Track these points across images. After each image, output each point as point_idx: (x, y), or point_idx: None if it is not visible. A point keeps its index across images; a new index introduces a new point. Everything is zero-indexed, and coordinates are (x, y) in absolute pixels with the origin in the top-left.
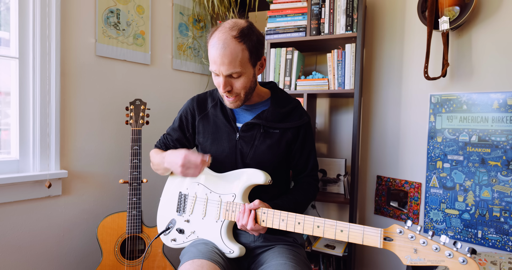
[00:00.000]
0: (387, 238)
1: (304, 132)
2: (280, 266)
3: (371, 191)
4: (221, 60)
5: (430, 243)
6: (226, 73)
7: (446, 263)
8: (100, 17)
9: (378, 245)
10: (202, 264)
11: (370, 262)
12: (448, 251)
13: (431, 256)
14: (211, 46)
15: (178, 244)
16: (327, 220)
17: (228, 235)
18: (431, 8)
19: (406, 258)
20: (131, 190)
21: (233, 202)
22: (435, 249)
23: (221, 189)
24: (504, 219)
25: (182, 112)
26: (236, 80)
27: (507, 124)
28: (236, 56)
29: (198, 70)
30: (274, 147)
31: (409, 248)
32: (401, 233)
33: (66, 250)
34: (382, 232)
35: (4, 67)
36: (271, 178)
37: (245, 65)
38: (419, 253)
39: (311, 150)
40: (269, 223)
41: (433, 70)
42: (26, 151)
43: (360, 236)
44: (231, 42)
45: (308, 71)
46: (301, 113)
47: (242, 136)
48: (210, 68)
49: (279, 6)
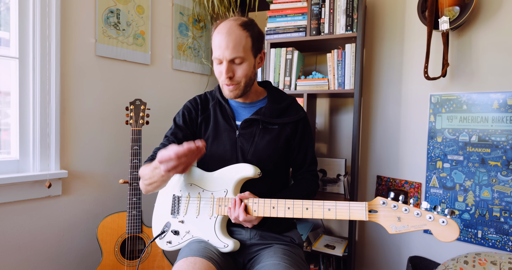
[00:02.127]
0: (372, 210)
1: (303, 127)
2: (273, 266)
3: (371, 191)
4: (225, 44)
5: (412, 209)
6: (229, 57)
7: (428, 226)
8: (100, 17)
9: (364, 217)
10: (195, 261)
11: (370, 262)
12: (429, 214)
13: (413, 221)
14: (216, 33)
15: (174, 246)
16: (315, 201)
17: (222, 230)
18: (431, 8)
19: (391, 227)
20: (131, 190)
21: (225, 197)
22: (417, 215)
23: (213, 186)
24: (504, 219)
25: (184, 109)
26: (238, 66)
27: (507, 124)
28: (240, 41)
29: (198, 70)
30: (274, 142)
31: (392, 217)
32: (384, 204)
33: (66, 250)
34: (367, 205)
35: (4, 67)
36: (272, 174)
37: (248, 52)
38: (402, 221)
39: (309, 145)
40: (260, 212)
41: (433, 70)
42: (26, 151)
43: (347, 212)
44: (236, 28)
45: (308, 71)
46: (297, 108)
47: (242, 133)
48: (214, 55)
49: (279, 6)
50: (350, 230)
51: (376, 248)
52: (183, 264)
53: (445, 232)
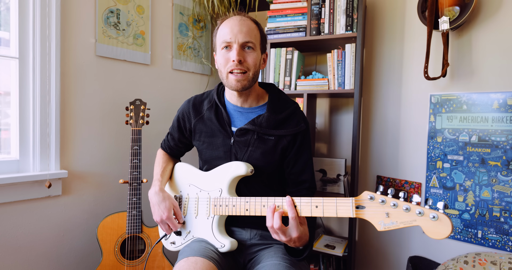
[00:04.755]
0: (359, 206)
1: (301, 140)
2: (273, 266)
3: (371, 191)
4: (239, 28)
5: (400, 204)
6: (242, 40)
7: (418, 222)
8: (100, 17)
9: (351, 214)
10: (196, 261)
11: (370, 262)
12: (419, 209)
13: (402, 217)
14: (225, 24)
15: (177, 246)
16: (302, 198)
17: (220, 229)
18: (431, 8)
19: (380, 223)
20: (131, 190)
21: (220, 197)
22: (406, 210)
23: (208, 186)
24: (504, 219)
25: (179, 114)
26: (248, 53)
27: (507, 124)
28: (253, 29)
29: (198, 70)
30: (268, 154)
31: (380, 213)
32: (371, 199)
33: (66, 250)
34: (354, 200)
35: (4, 67)
36: (266, 182)
37: (258, 44)
38: (391, 217)
39: (307, 162)
40: (252, 211)
41: (433, 70)
42: (26, 151)
43: (334, 209)
44: (247, 19)
45: (308, 71)
46: (298, 119)
47: (236, 141)
48: (223, 39)
49: (279, 6)
50: (350, 230)
51: (376, 248)
52: (185, 264)
53: (436, 228)
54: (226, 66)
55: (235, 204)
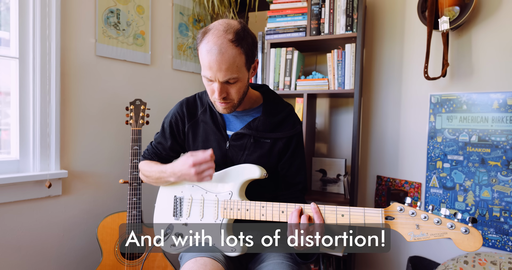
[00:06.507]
0: (388, 217)
1: (296, 142)
2: (277, 265)
3: (371, 191)
4: (218, 66)
5: (431, 217)
6: (223, 79)
7: (449, 234)
8: (100, 17)
9: (381, 225)
10: (205, 262)
11: (370, 262)
12: (450, 222)
13: (433, 229)
14: (205, 50)
15: (178, 249)
16: (327, 206)
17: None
18: (431, 8)
19: (409, 234)
20: (131, 190)
21: (230, 200)
22: (437, 222)
23: (216, 188)
24: (504, 219)
25: (171, 118)
26: (232, 86)
27: (507, 124)
28: (234, 61)
29: (198, 70)
30: (265, 157)
31: (411, 224)
32: (401, 210)
33: (66, 250)
34: (383, 211)
35: (4, 67)
36: (261, 184)
37: (241, 69)
38: (421, 229)
39: (301, 163)
40: (269, 216)
41: (433, 70)
42: (26, 151)
43: (362, 218)
44: (228, 47)
45: (308, 71)
46: (294, 121)
47: (232, 145)
48: (203, 74)
49: (279, 6)
50: None
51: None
52: (193, 266)
53: (468, 241)
54: (212, 96)
55: (249, 209)
